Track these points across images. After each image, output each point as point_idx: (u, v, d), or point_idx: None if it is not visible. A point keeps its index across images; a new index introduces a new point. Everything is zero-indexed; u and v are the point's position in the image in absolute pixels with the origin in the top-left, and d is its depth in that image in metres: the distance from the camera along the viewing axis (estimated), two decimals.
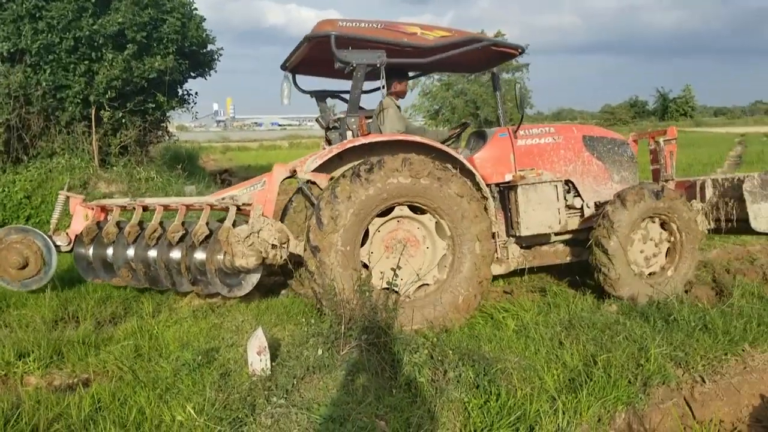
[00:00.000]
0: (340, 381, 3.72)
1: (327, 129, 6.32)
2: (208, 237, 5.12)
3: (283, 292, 6.14)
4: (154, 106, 12.21)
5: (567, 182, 6.10)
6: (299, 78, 6.40)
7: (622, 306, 5.31)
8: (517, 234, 5.68)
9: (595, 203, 6.09)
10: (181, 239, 5.26)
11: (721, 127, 58.13)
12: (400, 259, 5.04)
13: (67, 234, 5.80)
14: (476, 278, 5.14)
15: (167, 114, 13.54)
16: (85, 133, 11.46)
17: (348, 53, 5.21)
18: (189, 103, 13.78)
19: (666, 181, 6.36)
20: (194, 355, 4.19)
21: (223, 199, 5.37)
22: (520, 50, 6.16)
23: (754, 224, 5.90)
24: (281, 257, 5.07)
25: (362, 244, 5.09)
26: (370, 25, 5.33)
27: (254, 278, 5.23)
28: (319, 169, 5.29)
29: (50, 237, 5.69)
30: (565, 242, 6.10)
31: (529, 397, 3.69)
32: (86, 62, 10.91)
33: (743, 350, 4.31)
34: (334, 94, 6.69)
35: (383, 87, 5.43)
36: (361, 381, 3.72)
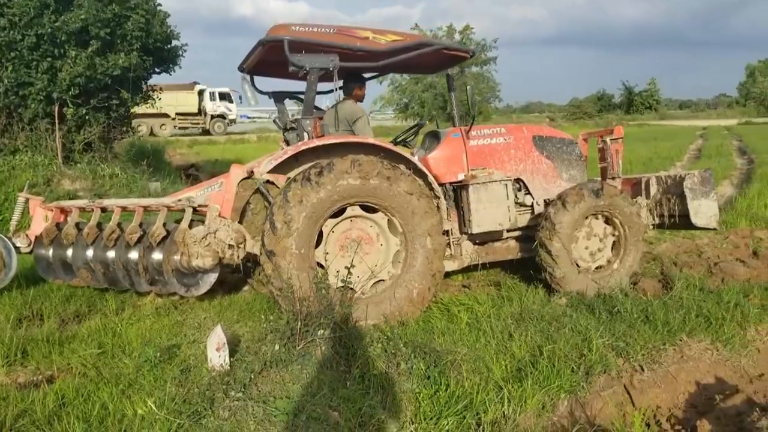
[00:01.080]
0: (295, 375, 3.88)
1: (285, 130, 6.41)
2: (165, 238, 5.19)
3: (245, 288, 6.28)
4: (118, 102, 12.20)
5: (518, 181, 6.30)
6: (258, 79, 6.51)
7: (571, 299, 5.55)
8: (470, 231, 5.85)
9: (545, 201, 6.28)
10: (139, 240, 5.33)
11: (684, 120, 59.42)
12: (353, 257, 5.19)
13: (27, 235, 5.87)
14: (429, 272, 5.30)
15: (131, 110, 13.48)
16: (49, 130, 11.41)
17: (301, 57, 5.33)
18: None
19: (612, 178, 6.55)
20: (156, 351, 4.30)
21: (179, 200, 5.44)
22: (470, 54, 6.40)
23: (694, 220, 6.21)
24: (238, 257, 5.16)
25: (317, 245, 5.21)
26: (323, 29, 5.47)
27: (212, 278, 5.29)
28: (276, 170, 5.36)
29: (10, 239, 5.75)
30: (517, 238, 6.27)
31: (477, 386, 3.89)
32: (49, 59, 10.85)
33: (681, 340, 4.57)
34: (292, 96, 6.75)
35: (336, 89, 5.64)
36: (316, 374, 3.88)
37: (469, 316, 5.12)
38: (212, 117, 42.11)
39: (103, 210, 5.83)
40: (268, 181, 5.35)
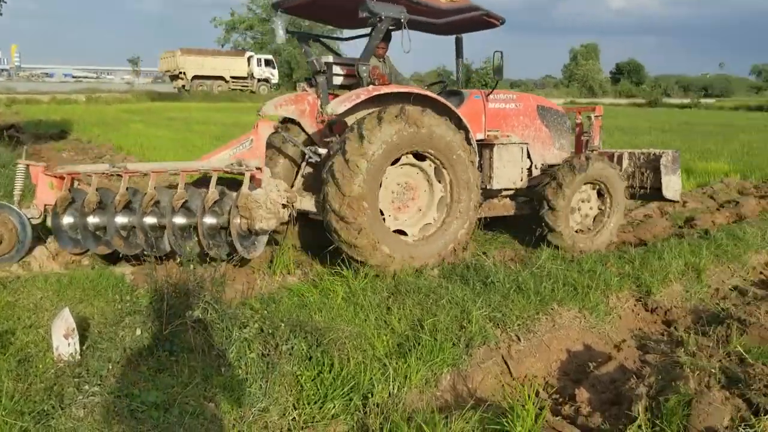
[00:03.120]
0: (162, 362, 3.44)
1: (316, 72, 6.22)
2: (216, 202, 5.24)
3: (86, 262, 5.60)
4: None
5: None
6: None
7: (443, 270, 5.49)
8: (488, 187, 6.39)
9: (540, 165, 6.90)
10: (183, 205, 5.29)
11: None
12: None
13: (36, 205, 5.51)
14: (469, 218, 5.90)
15: None
16: None
17: (376, 4, 5.40)
18: None
19: (592, 150, 7.22)
20: None
21: (233, 164, 5.29)
22: (501, 21, 6.54)
23: (665, 192, 7.02)
24: (289, 216, 5.34)
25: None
26: None
27: (266, 238, 5.38)
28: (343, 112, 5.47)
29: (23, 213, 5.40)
30: (510, 197, 6.86)
31: (362, 365, 3.68)
32: None
33: (552, 309, 4.66)
34: (316, 38, 6.72)
35: (408, 40, 5.72)
36: (187, 362, 3.47)
37: (344, 290, 4.88)
38: (258, 80, 49.14)
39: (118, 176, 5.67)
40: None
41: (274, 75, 50.10)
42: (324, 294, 4.89)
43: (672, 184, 7.09)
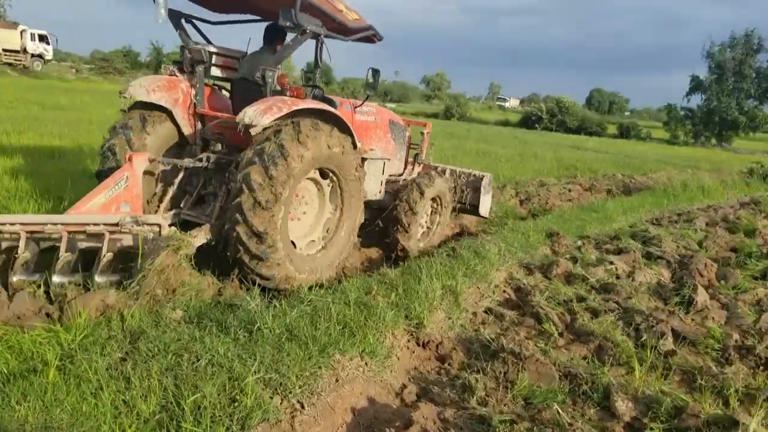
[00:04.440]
0: None
1: (197, 61, 6.07)
2: None
3: None
4: None
5: None
6: None
7: (187, 311, 4.37)
8: None
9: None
10: None
11: None
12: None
13: None
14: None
15: None
16: None
17: (301, 17, 5.33)
18: None
19: (419, 163, 8.19)
20: None
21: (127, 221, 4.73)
22: (380, 38, 6.73)
23: (481, 210, 8.30)
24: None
25: None
26: None
27: None
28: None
29: None
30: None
31: None
32: None
33: (335, 360, 3.90)
34: (189, 18, 6.23)
35: (321, 57, 5.86)
36: None
37: (56, 353, 3.50)
38: (32, 56, 46.29)
39: None
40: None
41: (48, 51, 47.96)
42: (24, 362, 3.46)
43: (486, 203, 8.27)
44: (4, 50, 44.79)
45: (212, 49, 6.14)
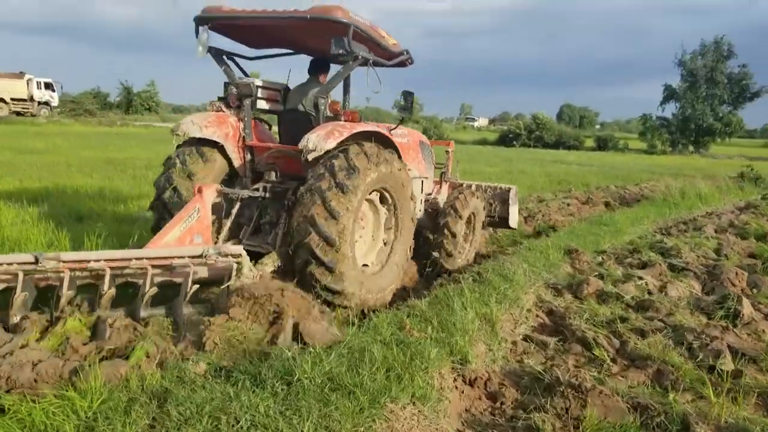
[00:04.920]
0: None
1: (242, 95, 6.20)
2: None
3: None
4: None
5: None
6: None
7: (210, 364, 3.89)
8: None
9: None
10: None
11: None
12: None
13: None
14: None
15: None
16: None
17: (353, 44, 5.46)
18: None
19: (446, 181, 8.45)
20: None
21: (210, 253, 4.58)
22: (411, 62, 6.87)
23: (511, 222, 8.62)
24: None
25: None
26: (365, 20, 5.70)
27: None
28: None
29: None
30: None
31: None
32: None
33: (390, 411, 3.45)
34: (230, 55, 6.43)
35: (372, 83, 5.83)
36: None
37: (74, 424, 3.02)
38: (39, 103, 47.35)
39: None
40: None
41: (54, 98, 48.91)
42: None
43: (513, 215, 8.55)
44: (12, 99, 45.93)
45: (258, 82, 6.32)
